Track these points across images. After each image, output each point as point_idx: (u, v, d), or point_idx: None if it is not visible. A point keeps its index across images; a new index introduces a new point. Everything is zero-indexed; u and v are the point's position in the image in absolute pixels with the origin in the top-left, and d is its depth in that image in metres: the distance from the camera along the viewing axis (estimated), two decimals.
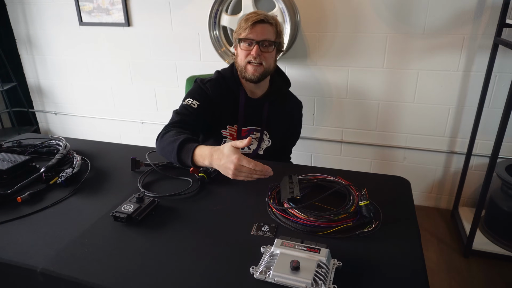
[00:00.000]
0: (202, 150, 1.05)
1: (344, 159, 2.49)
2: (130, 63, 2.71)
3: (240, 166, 0.94)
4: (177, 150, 1.10)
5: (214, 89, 1.38)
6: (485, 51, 1.97)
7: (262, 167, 0.94)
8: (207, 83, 1.40)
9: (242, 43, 1.33)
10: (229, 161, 0.96)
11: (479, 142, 2.16)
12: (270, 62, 1.35)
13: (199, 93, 1.38)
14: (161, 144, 1.19)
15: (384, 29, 2.09)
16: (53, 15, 2.75)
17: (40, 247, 0.89)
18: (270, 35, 1.32)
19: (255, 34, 1.30)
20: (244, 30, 1.30)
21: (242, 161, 0.94)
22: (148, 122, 2.87)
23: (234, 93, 1.41)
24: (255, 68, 1.32)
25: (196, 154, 1.06)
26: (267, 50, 1.33)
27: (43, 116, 3.24)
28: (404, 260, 0.84)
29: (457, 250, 2.02)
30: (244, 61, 1.33)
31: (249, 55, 1.32)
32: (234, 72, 1.41)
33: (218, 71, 1.45)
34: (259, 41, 1.30)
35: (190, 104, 1.34)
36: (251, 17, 1.30)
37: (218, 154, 0.99)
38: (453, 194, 2.35)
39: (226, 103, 1.40)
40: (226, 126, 1.43)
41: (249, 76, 1.34)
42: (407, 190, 1.15)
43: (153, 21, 2.51)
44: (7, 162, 1.22)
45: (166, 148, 1.15)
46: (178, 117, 1.31)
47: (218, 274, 0.80)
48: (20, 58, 3.03)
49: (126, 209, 0.97)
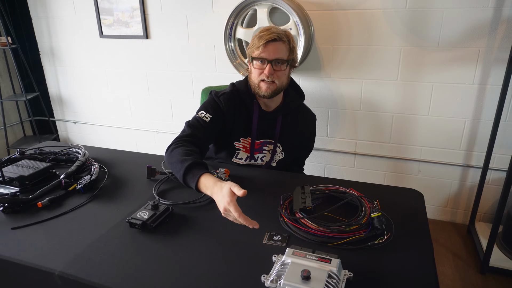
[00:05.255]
0: (207, 179, 1.05)
1: (357, 171, 2.47)
2: (147, 74, 2.78)
3: (228, 209, 0.94)
4: (183, 173, 1.10)
5: (228, 102, 1.39)
6: (501, 64, 1.96)
7: (245, 220, 0.92)
8: (221, 96, 1.40)
9: (255, 61, 1.34)
10: (222, 201, 0.96)
11: (496, 156, 2.12)
12: (283, 79, 1.36)
13: (212, 106, 1.39)
14: (170, 159, 1.20)
15: (398, 42, 2.10)
16: (76, 28, 2.86)
17: (58, 251, 0.92)
18: (282, 54, 1.32)
19: (268, 53, 1.30)
20: (257, 48, 1.31)
21: (230, 207, 0.93)
22: (163, 132, 2.92)
23: (248, 106, 1.42)
24: (268, 85, 1.33)
25: (200, 182, 1.07)
26: (280, 68, 1.33)
27: (63, 125, 3.33)
28: (416, 273, 0.84)
29: (473, 266, 1.97)
30: (258, 79, 1.35)
31: (262, 73, 1.33)
32: (248, 85, 1.42)
33: (233, 83, 1.46)
34: (271, 60, 1.31)
35: (202, 117, 1.35)
36: (264, 35, 1.30)
37: (217, 190, 1.00)
38: (469, 208, 2.30)
39: (240, 116, 1.42)
40: (239, 138, 1.44)
41: (262, 93, 1.35)
42: (420, 202, 1.14)
43: (171, 33, 2.58)
44: (29, 169, 1.27)
45: (174, 165, 1.16)
46: (189, 130, 1.32)
47: (230, 281, 0.81)
48: (43, 69, 3.14)
49: (141, 216, 1.00)
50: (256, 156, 1.47)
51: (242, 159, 1.46)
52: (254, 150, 1.46)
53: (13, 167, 1.28)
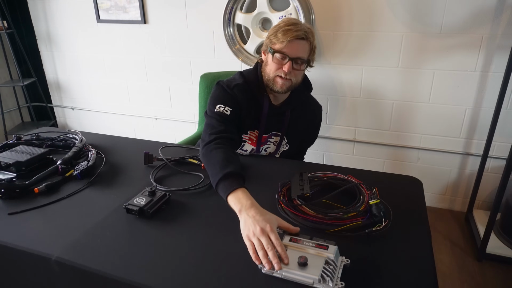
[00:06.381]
0: (245, 196, 0.96)
1: (356, 158, 2.47)
2: (145, 60, 2.75)
3: (267, 232, 0.84)
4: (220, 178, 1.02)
5: (242, 94, 1.33)
6: (504, 51, 1.93)
7: (283, 250, 0.81)
8: (234, 88, 1.33)
9: (276, 54, 1.27)
10: (265, 221, 0.86)
11: (496, 144, 2.12)
12: (299, 78, 1.32)
13: (229, 98, 1.32)
14: (209, 158, 1.13)
15: (400, 28, 2.07)
16: (72, 13, 2.81)
17: (55, 237, 0.92)
18: (304, 53, 1.27)
19: (291, 50, 1.24)
20: (281, 42, 1.23)
21: (272, 233, 0.84)
22: (161, 118, 2.91)
23: (258, 99, 1.37)
24: (283, 82, 1.28)
25: (237, 193, 0.97)
26: (299, 68, 1.28)
27: (60, 111, 3.31)
28: (413, 260, 0.84)
29: (471, 254, 1.99)
30: (274, 73, 1.29)
31: (280, 69, 1.27)
32: (259, 77, 1.37)
33: (241, 73, 1.39)
34: (293, 58, 1.26)
35: (222, 111, 1.28)
36: (291, 31, 1.22)
37: (260, 210, 0.91)
38: (467, 196, 2.31)
39: (250, 108, 1.37)
40: (247, 131, 1.41)
41: (277, 89, 1.30)
42: (419, 190, 1.14)
43: (169, 18, 2.54)
44: (25, 154, 1.26)
45: (212, 165, 1.09)
46: (221, 126, 1.24)
47: (226, 268, 0.81)
48: (40, 54, 3.11)
49: (138, 202, 0.99)
50: (261, 148, 1.46)
51: (247, 151, 1.45)
52: (261, 143, 1.44)
53: (9, 153, 1.27)
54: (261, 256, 0.81)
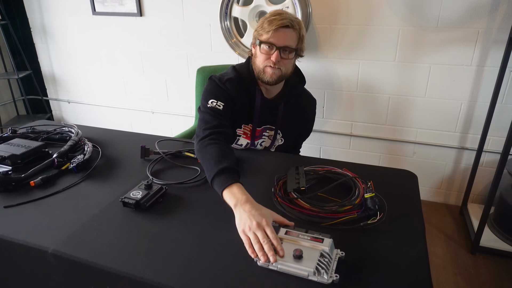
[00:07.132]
0: (240, 191, 0.96)
1: (353, 152, 2.48)
2: (142, 53, 2.73)
3: (262, 227, 0.85)
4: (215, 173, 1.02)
5: (234, 88, 1.33)
6: (500, 46, 1.93)
7: (278, 244, 0.82)
8: (227, 82, 1.33)
9: (262, 45, 1.27)
10: (261, 215, 0.87)
11: (491, 138, 2.13)
12: (289, 67, 1.32)
13: (221, 93, 1.31)
14: (204, 153, 1.12)
15: (396, 22, 2.06)
16: (67, 5, 2.78)
17: (51, 230, 0.92)
18: (292, 42, 1.26)
19: (277, 39, 1.24)
20: (267, 32, 1.24)
21: (268, 227, 0.85)
22: (158, 112, 2.90)
23: (250, 92, 1.37)
24: (273, 71, 1.28)
25: (232, 188, 0.97)
26: (287, 56, 1.28)
27: (56, 104, 3.29)
28: (408, 253, 0.85)
29: (465, 247, 2.01)
30: (263, 64, 1.29)
31: (268, 59, 1.27)
32: (250, 71, 1.37)
33: (234, 67, 1.40)
34: (280, 47, 1.25)
35: (215, 106, 1.28)
36: (276, 20, 1.23)
37: (255, 205, 0.92)
38: (462, 190, 2.33)
39: (243, 102, 1.37)
40: (241, 125, 1.41)
41: (267, 79, 1.30)
42: (414, 184, 1.14)
43: (165, 11, 2.52)
44: (21, 148, 1.25)
45: (207, 161, 1.08)
46: (214, 120, 1.23)
47: (222, 261, 0.82)
48: (35, 47, 3.08)
49: (135, 195, 1.00)
50: (256, 142, 1.46)
51: (242, 145, 1.45)
52: (255, 137, 1.44)
53: (5, 146, 1.27)
54: (257, 249, 0.81)
